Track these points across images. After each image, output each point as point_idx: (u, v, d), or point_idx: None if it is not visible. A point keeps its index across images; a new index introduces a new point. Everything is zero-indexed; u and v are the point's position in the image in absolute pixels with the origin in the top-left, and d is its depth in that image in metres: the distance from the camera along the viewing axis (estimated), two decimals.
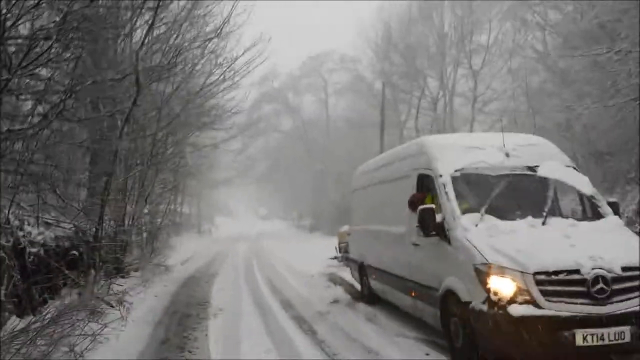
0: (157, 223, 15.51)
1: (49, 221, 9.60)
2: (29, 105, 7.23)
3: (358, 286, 10.36)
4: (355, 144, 34.20)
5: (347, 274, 11.86)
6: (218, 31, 11.96)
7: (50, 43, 5.66)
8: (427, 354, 5.90)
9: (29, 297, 7.38)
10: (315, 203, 41.94)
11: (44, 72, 6.99)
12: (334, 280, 12.69)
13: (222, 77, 16.14)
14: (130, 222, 11.56)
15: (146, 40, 9.37)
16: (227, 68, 15.90)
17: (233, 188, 54.00)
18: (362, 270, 9.78)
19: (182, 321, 8.28)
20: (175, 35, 11.03)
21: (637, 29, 11.01)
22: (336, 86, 44.20)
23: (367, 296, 9.49)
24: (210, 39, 11.95)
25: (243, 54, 15.83)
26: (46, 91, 6.47)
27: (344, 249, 15.29)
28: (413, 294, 6.94)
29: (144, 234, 14.97)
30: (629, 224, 9.66)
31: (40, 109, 7.20)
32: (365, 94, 34.56)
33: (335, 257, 16.79)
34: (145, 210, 13.33)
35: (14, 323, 6.64)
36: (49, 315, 6.92)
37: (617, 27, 12.48)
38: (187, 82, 14.83)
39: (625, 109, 12.23)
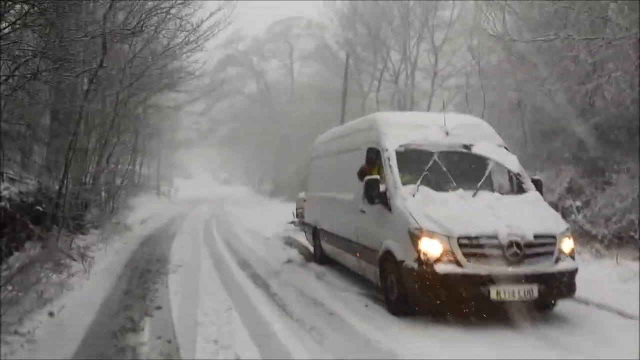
0: (117, 183, 15.75)
1: (13, 177, 9.88)
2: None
3: (311, 249, 11.03)
4: (319, 111, 34.62)
5: (302, 238, 12.53)
6: None
7: (27, 8, 5.92)
8: (366, 305, 6.66)
9: None
10: (277, 169, 42.36)
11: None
12: (290, 242, 13.35)
13: (186, 39, 16.29)
14: (91, 181, 11.84)
15: (113, 4, 9.55)
16: (191, 32, 16.07)
17: (194, 150, 53.81)
18: (316, 233, 10.44)
19: (143, 275, 8.80)
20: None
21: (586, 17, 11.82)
22: (302, 52, 44.27)
23: (319, 257, 10.19)
24: (175, 4, 12.11)
25: (208, 18, 15.99)
26: (22, 55, 6.72)
27: (300, 214, 15.94)
28: (358, 254, 7.66)
29: (103, 193, 15.25)
30: (560, 199, 10.66)
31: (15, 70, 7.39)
32: (330, 62, 34.86)
33: (293, 222, 17.41)
34: (106, 170, 13.57)
35: None
36: (17, 264, 7.36)
37: (568, 14, 13.25)
38: (151, 43, 14.91)
39: (570, 92, 13.14)
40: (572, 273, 6.04)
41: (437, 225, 5.87)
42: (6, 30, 5.57)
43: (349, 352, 4.87)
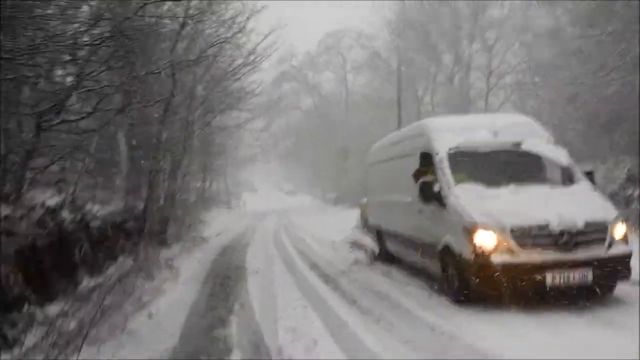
0: (190, 200, 16.94)
1: (102, 199, 11.05)
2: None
3: (377, 250, 11.58)
4: (373, 119, 35.14)
5: (368, 241, 13.10)
6: (241, 27, 13.16)
7: (111, 51, 6.88)
8: (429, 296, 7.15)
9: (96, 261, 8.81)
10: (337, 177, 43.07)
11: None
12: (356, 245, 13.92)
13: (244, 62, 17.41)
14: (170, 199, 12.95)
15: (179, 41, 10.62)
16: (249, 54, 17.19)
17: (258, 165, 55.48)
18: (379, 235, 11.01)
19: (224, 281, 9.66)
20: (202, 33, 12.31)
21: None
22: (354, 63, 45.03)
23: (384, 257, 10.73)
24: (234, 35, 13.15)
25: (262, 40, 17.06)
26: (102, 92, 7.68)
27: (365, 218, 16.51)
28: (420, 251, 8.14)
29: (179, 210, 16.45)
30: (621, 189, 10.72)
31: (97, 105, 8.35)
32: (383, 70, 35.31)
33: (357, 226, 18.00)
34: (181, 189, 14.72)
35: (88, 282, 8.10)
36: (114, 276, 8.39)
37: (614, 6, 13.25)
38: (211, 69, 16.02)
39: (625, 82, 13.08)
40: (626, 257, 6.29)
41: (489, 219, 6.30)
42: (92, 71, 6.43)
43: (414, 337, 5.40)
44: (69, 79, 6.17)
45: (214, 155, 23.37)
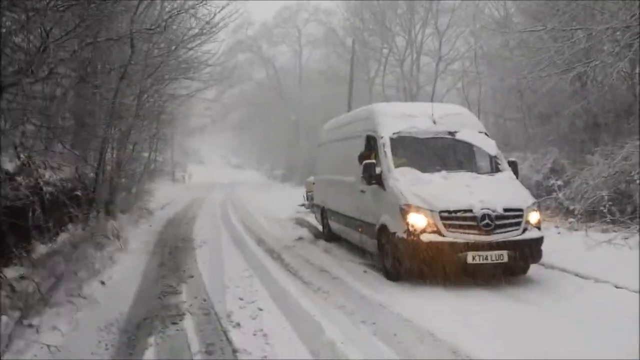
0: (140, 169, 16.99)
1: (53, 165, 11.10)
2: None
3: (320, 228, 12.18)
4: (327, 96, 35.60)
5: (312, 219, 13.68)
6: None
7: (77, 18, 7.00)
8: (365, 271, 7.84)
9: (47, 228, 8.97)
10: (288, 154, 43.44)
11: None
12: (301, 223, 14.52)
13: (200, 32, 17.38)
14: (117, 169, 13.05)
15: (140, 7, 10.69)
16: (204, 25, 17.17)
17: (206, 136, 54.91)
18: (324, 213, 11.59)
19: (172, 251, 10.04)
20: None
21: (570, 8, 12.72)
22: (309, 38, 45.18)
23: (327, 235, 11.33)
24: (194, 6, 13.23)
25: (219, 11, 17.07)
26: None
27: (310, 197, 17.06)
28: (360, 229, 8.79)
29: (126, 181, 16.47)
30: (545, 179, 11.71)
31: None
32: (338, 48, 35.70)
33: (303, 205, 18.53)
34: (130, 158, 14.79)
35: (40, 248, 8.29)
36: (67, 244, 8.62)
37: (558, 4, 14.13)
38: (169, 37, 15.97)
39: (562, 77, 14.05)
40: (538, 241, 7.11)
41: (422, 202, 6.98)
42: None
43: (347, 304, 6.04)
44: (32, 45, 6.27)
45: (164, 123, 23.20)
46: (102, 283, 7.21)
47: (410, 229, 6.90)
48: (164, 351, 4.73)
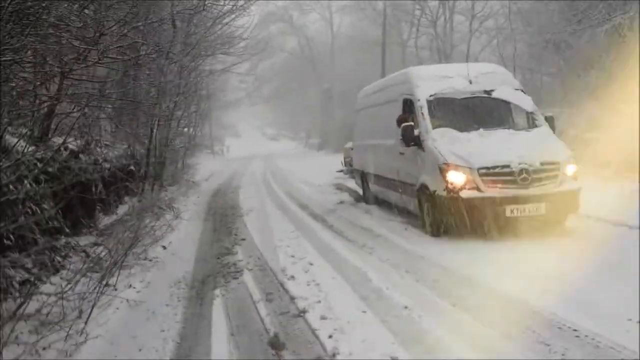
0: (185, 144, 17.69)
1: (107, 143, 11.80)
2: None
3: (361, 192, 12.56)
4: (359, 62, 35.48)
5: (351, 184, 14.09)
6: None
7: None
8: (405, 229, 8.24)
9: (108, 201, 9.68)
10: (322, 122, 43.65)
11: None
12: (340, 188, 14.96)
13: (234, 5, 17.72)
14: (168, 143, 13.70)
15: None
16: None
17: (241, 109, 55.60)
18: (363, 177, 11.97)
19: (223, 218, 10.65)
20: None
21: None
22: (339, 4, 44.74)
23: (368, 198, 11.73)
24: None
25: None
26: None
27: (349, 162, 17.43)
28: (400, 190, 9.14)
29: (172, 155, 17.20)
30: (580, 132, 11.74)
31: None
32: (369, 12, 35.30)
33: (342, 170, 18.95)
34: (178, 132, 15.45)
35: (104, 219, 9.00)
36: (128, 214, 9.29)
37: None
38: (205, 15, 16.37)
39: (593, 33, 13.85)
40: (575, 193, 7.33)
41: (460, 160, 7.27)
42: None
43: (391, 257, 6.47)
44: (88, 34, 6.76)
45: (203, 99, 23.84)
46: (164, 248, 7.85)
47: (450, 186, 7.21)
48: (230, 300, 5.28)
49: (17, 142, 4.90)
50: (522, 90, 8.68)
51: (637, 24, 11.85)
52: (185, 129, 18.88)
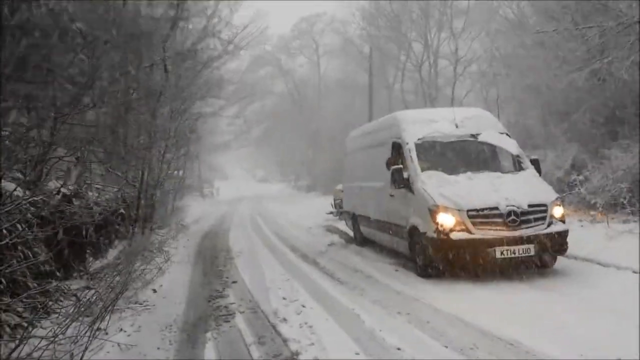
0: (174, 187, 17.73)
1: (98, 187, 11.81)
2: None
3: (351, 233, 12.62)
4: (346, 104, 36.17)
5: (341, 225, 14.16)
6: (227, 21, 13.96)
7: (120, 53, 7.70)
8: (397, 270, 8.29)
9: (98, 244, 9.63)
10: (310, 164, 44.01)
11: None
12: (331, 230, 15.00)
13: (224, 50, 18.19)
14: (159, 186, 13.75)
15: (170, 35, 11.42)
16: (228, 43, 17.97)
17: (230, 152, 55.91)
18: (354, 219, 12.05)
19: (213, 261, 10.61)
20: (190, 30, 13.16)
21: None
22: (327, 48, 45.95)
23: (358, 239, 11.79)
24: (221, 30, 13.95)
25: (242, 30, 17.86)
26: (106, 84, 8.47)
27: (338, 204, 17.52)
28: (390, 232, 9.23)
29: (162, 197, 17.21)
30: (566, 174, 12.01)
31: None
32: (355, 56, 36.23)
33: (331, 212, 18.99)
34: (167, 176, 15.50)
35: (94, 263, 8.95)
36: (119, 258, 9.24)
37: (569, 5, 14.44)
38: (196, 59, 16.74)
39: (577, 74, 14.31)
40: (563, 234, 7.47)
41: (450, 202, 7.40)
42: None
43: (383, 298, 6.50)
44: (81, 79, 6.93)
45: (193, 142, 24.03)
46: (155, 291, 7.78)
47: (440, 228, 7.31)
48: (222, 343, 5.25)
49: (15, 188, 4.93)
50: (507, 134, 8.93)
51: (616, 68, 12.34)
52: (175, 172, 18.95)
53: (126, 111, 9.24)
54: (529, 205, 7.34)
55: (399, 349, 4.70)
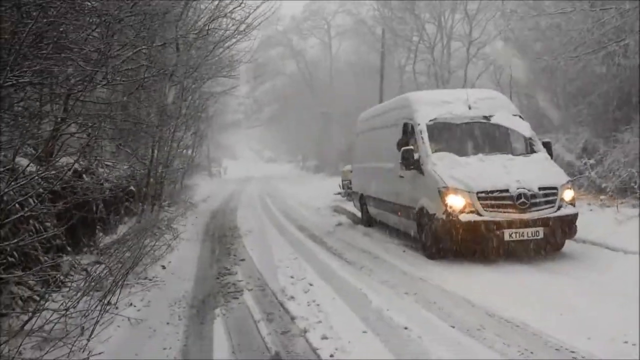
0: (184, 165, 17.79)
1: (108, 163, 11.88)
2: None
3: (359, 214, 12.62)
4: (357, 86, 35.87)
5: (349, 206, 14.16)
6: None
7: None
8: (404, 251, 8.31)
9: (109, 221, 9.72)
10: (320, 145, 43.90)
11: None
12: (338, 210, 15.02)
13: (236, 30, 18.00)
14: (168, 164, 13.78)
15: (183, 14, 11.33)
16: (240, 24, 17.77)
17: (240, 131, 55.97)
18: (362, 199, 12.05)
19: (221, 239, 10.69)
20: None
21: None
22: (339, 29, 45.46)
23: (366, 220, 11.80)
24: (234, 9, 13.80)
25: (254, 10, 17.64)
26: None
27: (346, 185, 17.51)
28: (399, 213, 9.22)
29: (171, 176, 17.28)
30: (576, 158, 11.91)
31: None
32: (367, 38, 35.84)
33: (339, 193, 18.98)
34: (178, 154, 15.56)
35: (104, 239, 9.04)
36: (127, 235, 9.32)
37: None
38: (208, 39, 16.64)
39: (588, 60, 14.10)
40: (572, 217, 7.42)
41: (460, 184, 7.37)
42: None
43: (390, 279, 6.53)
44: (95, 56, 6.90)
45: (203, 121, 24.03)
46: (164, 267, 7.88)
47: (449, 210, 7.29)
48: (231, 319, 5.31)
49: (28, 164, 4.96)
50: (520, 116, 8.83)
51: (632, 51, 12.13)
52: (185, 151, 18.98)
53: (138, 89, 9.20)
54: (540, 188, 7.28)
55: (406, 328, 4.73)
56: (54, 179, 6.47)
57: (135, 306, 5.75)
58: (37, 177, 5.49)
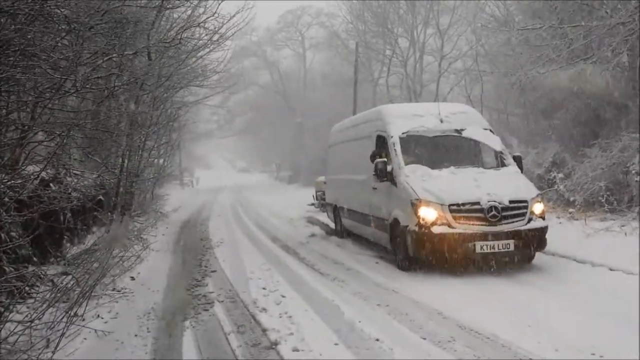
0: (155, 175, 17.53)
1: (76, 172, 11.63)
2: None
3: (332, 225, 12.62)
4: (331, 98, 36.04)
5: (322, 217, 14.15)
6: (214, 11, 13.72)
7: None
8: (377, 263, 8.32)
9: (76, 231, 9.49)
10: (293, 155, 43.89)
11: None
12: (312, 221, 14.98)
13: (209, 40, 17.91)
14: (139, 174, 13.56)
15: (155, 23, 11.22)
16: (214, 34, 17.69)
17: (212, 141, 55.55)
18: (336, 211, 12.05)
19: (192, 250, 10.54)
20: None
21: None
22: (312, 41, 45.84)
23: (339, 231, 11.79)
24: (206, 19, 13.72)
25: (228, 21, 17.59)
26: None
27: (320, 196, 17.51)
28: (372, 224, 9.24)
29: (141, 185, 17.00)
30: (545, 172, 12.17)
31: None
32: (341, 50, 36.13)
33: (313, 204, 18.97)
34: (147, 164, 15.31)
35: (71, 249, 8.81)
36: (95, 245, 9.12)
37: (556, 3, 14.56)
38: (180, 48, 16.53)
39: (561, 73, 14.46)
40: (542, 230, 7.55)
41: (432, 196, 7.43)
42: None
43: (363, 290, 6.53)
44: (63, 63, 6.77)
45: (175, 130, 23.78)
46: (133, 279, 7.72)
47: (422, 222, 7.34)
48: (200, 331, 5.22)
49: None
50: (491, 130, 8.98)
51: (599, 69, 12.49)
52: (156, 160, 18.73)
53: (108, 97, 9.06)
54: (510, 201, 7.40)
55: (377, 339, 4.72)
56: (20, 187, 6.32)
57: (102, 318, 5.61)
58: (2, 186, 5.35)
